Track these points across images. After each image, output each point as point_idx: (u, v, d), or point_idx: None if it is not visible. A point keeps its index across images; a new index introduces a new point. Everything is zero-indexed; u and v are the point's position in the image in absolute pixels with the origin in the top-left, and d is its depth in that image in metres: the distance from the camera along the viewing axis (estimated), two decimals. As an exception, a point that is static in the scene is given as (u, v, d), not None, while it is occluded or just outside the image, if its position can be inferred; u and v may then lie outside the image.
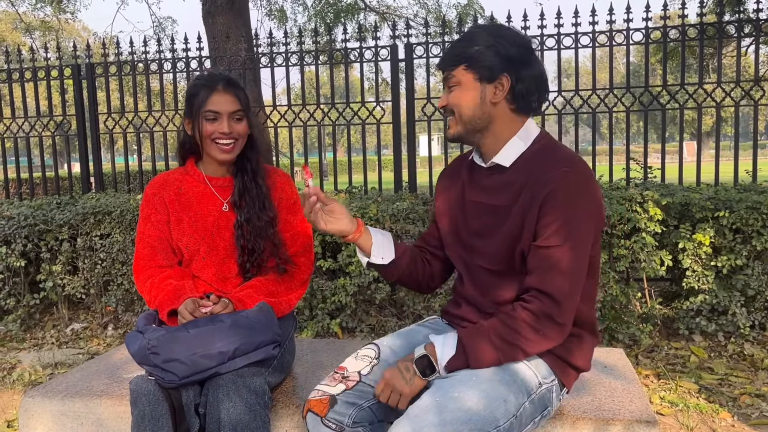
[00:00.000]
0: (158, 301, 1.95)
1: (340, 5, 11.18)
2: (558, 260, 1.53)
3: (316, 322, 4.08)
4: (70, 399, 2.07)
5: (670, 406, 3.00)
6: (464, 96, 1.63)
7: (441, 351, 1.57)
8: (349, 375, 1.70)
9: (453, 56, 1.64)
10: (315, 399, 1.65)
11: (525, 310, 1.55)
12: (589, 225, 1.56)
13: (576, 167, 1.58)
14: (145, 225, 2.10)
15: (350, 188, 5.02)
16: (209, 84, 2.01)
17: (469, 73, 1.62)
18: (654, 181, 4.61)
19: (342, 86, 13.95)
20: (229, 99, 2.00)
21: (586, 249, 1.57)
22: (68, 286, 4.59)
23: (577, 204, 1.55)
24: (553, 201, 1.54)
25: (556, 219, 1.54)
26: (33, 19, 16.02)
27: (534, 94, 1.63)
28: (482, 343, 1.55)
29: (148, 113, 5.74)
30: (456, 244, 1.78)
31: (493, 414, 1.49)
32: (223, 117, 1.99)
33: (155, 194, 2.11)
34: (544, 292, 1.54)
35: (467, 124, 1.65)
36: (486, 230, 1.68)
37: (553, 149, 1.64)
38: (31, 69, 5.78)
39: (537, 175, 1.58)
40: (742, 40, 4.98)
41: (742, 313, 3.68)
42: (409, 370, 1.58)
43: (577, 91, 5.09)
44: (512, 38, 1.60)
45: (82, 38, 25.60)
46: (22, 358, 4.12)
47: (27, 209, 4.76)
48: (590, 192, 1.57)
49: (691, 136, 31.59)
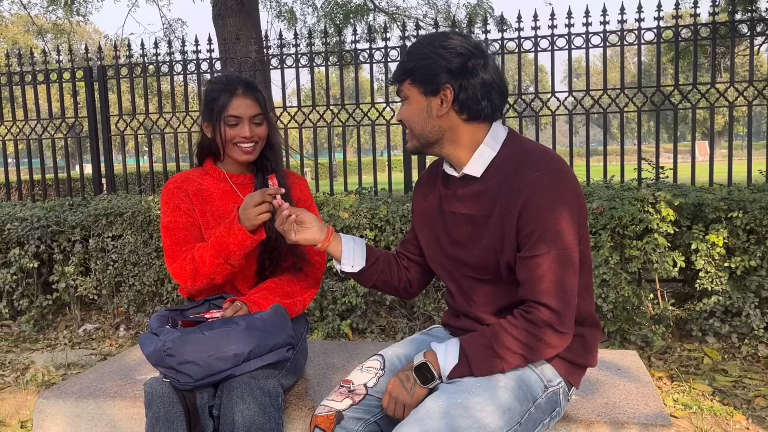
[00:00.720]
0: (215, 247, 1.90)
1: (349, 6, 11.18)
2: (548, 268, 1.51)
3: (326, 323, 4.08)
4: (84, 400, 2.08)
5: (683, 408, 2.98)
6: (412, 110, 1.62)
7: (444, 360, 1.55)
8: (355, 389, 1.69)
9: (399, 70, 1.63)
10: (322, 415, 1.64)
11: (526, 320, 1.53)
12: (571, 224, 1.53)
13: (547, 167, 1.54)
14: (174, 213, 2.05)
15: (360, 189, 5.02)
16: (229, 88, 2.01)
17: (414, 87, 1.61)
18: (666, 182, 4.58)
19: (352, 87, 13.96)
20: (250, 103, 2.02)
21: (573, 249, 1.53)
22: (80, 287, 4.62)
23: (554, 207, 1.51)
24: (530, 209, 1.51)
25: (537, 227, 1.51)
26: (45, 22, 16.15)
27: (482, 101, 1.58)
28: (484, 352, 1.54)
29: (159, 115, 5.77)
30: (438, 255, 1.76)
31: (497, 422, 1.48)
32: (245, 121, 2.01)
33: (179, 188, 2.09)
34: (541, 303, 1.52)
35: (419, 138, 1.64)
36: (467, 240, 1.66)
37: (522, 151, 1.60)
38: (44, 71, 5.83)
39: (510, 182, 1.56)
40: (754, 39, 4.93)
41: (756, 315, 3.65)
42: (409, 379, 1.57)
43: (588, 91, 5.06)
44: (454, 48, 1.56)
45: (93, 41, 25.78)
46: (36, 358, 4.15)
47: (40, 211, 4.80)
48: (566, 190, 1.53)
49: (703, 135, 31.37)
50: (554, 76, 5.09)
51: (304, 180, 2.23)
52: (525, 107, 5.17)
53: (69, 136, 5.94)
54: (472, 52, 1.58)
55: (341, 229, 4.07)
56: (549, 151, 1.61)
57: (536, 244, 1.51)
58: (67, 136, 5.92)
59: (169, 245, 2.03)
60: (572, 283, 1.53)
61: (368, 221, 4.04)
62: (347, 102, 5.50)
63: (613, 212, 3.65)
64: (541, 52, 5.00)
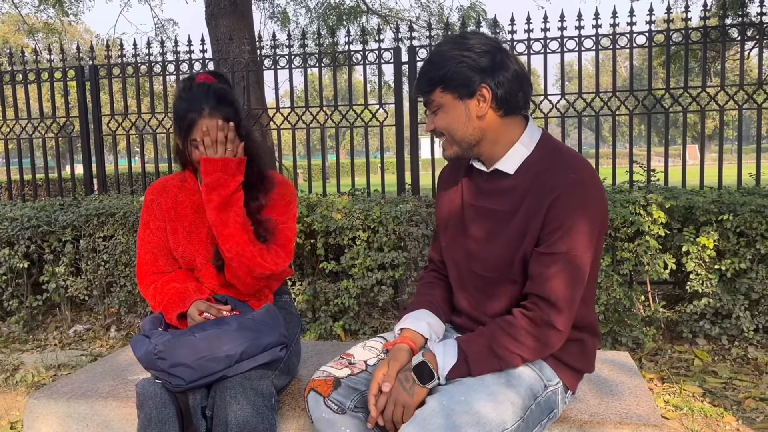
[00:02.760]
0: (164, 305, 1.94)
1: (342, 8, 11.18)
2: (561, 268, 1.53)
3: (319, 324, 4.08)
4: (75, 401, 2.07)
5: (674, 409, 3.00)
6: (450, 118, 1.61)
7: (442, 360, 1.55)
8: (355, 362, 1.70)
9: (426, 81, 1.60)
10: (320, 379, 1.65)
11: (525, 318, 1.55)
12: (593, 232, 1.55)
13: (582, 172, 1.56)
14: (144, 231, 2.10)
15: (353, 191, 5.02)
16: (195, 107, 1.92)
17: (447, 94, 1.59)
18: (657, 184, 4.61)
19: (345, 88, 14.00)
20: (216, 124, 1.91)
21: (588, 256, 1.56)
22: (71, 287, 4.60)
23: (582, 211, 1.53)
24: (559, 207, 1.53)
25: (561, 225, 1.53)
26: (36, 21, 16.05)
27: (518, 93, 1.59)
28: (483, 352, 1.55)
29: (151, 115, 5.75)
30: (453, 248, 1.76)
31: (501, 416, 1.49)
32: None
33: (153, 200, 2.11)
34: (544, 299, 1.53)
35: (461, 143, 1.63)
36: (486, 235, 1.67)
37: (558, 152, 1.62)
38: (35, 71, 5.79)
39: (543, 180, 1.57)
40: (745, 43, 4.98)
41: (746, 317, 3.67)
42: (408, 379, 1.55)
43: (580, 94, 5.08)
44: (479, 47, 1.56)
45: (84, 40, 25.65)
46: (25, 359, 4.12)
47: (30, 211, 4.77)
48: (595, 197, 1.56)
49: (693, 139, 31.58)
50: (547, 78, 5.11)
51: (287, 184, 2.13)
52: (518, 110, 5.18)
53: (60, 135, 5.90)
54: (496, 47, 1.58)
55: (334, 230, 4.07)
56: (582, 157, 1.63)
57: (557, 242, 1.53)
58: (58, 136, 5.89)
59: (138, 263, 2.10)
60: (579, 286, 1.56)
61: (361, 222, 4.05)
62: (340, 103, 5.50)
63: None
64: (533, 55, 5.01)
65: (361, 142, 18.65)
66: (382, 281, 4.01)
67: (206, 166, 1.91)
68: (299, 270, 4.31)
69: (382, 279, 3.99)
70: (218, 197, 1.91)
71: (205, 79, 2.02)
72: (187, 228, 2.05)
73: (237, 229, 1.92)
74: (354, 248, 4.04)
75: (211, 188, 1.91)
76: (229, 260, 1.94)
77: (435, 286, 1.84)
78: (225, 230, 1.92)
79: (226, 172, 1.91)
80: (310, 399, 1.64)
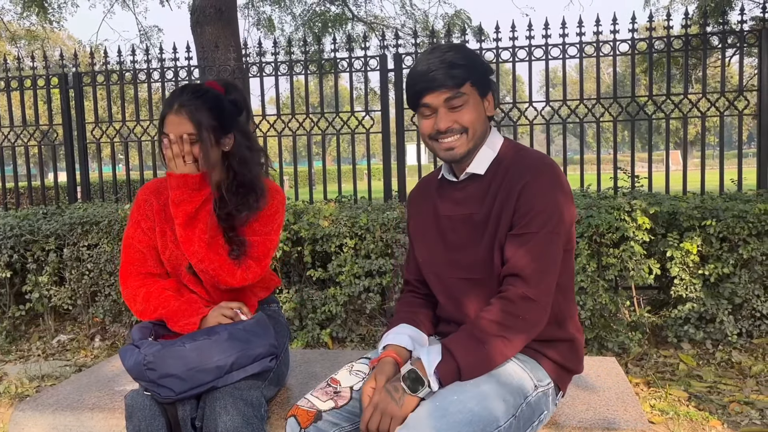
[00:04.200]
0: (167, 312, 1.91)
1: (328, 15, 11.20)
2: (533, 245, 1.57)
3: (306, 332, 4.06)
4: (61, 412, 2.05)
5: (660, 414, 3.02)
6: (475, 114, 1.65)
7: (427, 360, 1.54)
8: (341, 390, 1.68)
9: (457, 74, 1.61)
10: (302, 408, 1.64)
11: (500, 299, 1.57)
12: (563, 216, 1.61)
13: (546, 161, 1.65)
14: (135, 230, 2.04)
15: (340, 197, 5.02)
16: (170, 102, 1.91)
17: (475, 89, 1.65)
18: (641, 190, 4.65)
19: (331, 96, 13.91)
20: (182, 120, 1.87)
21: (560, 239, 1.61)
22: (55, 297, 4.54)
23: (550, 193, 1.60)
24: (529, 192, 1.60)
25: (531, 209, 1.59)
26: (18, 28, 15.90)
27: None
28: (466, 342, 1.54)
29: (135, 122, 5.71)
30: (433, 263, 1.77)
31: (494, 414, 1.49)
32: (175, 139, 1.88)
33: (146, 200, 2.07)
34: (516, 275, 1.57)
35: (477, 140, 1.68)
36: (467, 241, 1.69)
37: (524, 151, 1.71)
38: (17, 78, 5.74)
39: (511, 173, 1.64)
40: (726, 50, 5.06)
41: (730, 321, 3.72)
42: (398, 389, 1.52)
43: (565, 101, 5.13)
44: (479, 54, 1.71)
45: (67, 47, 25.45)
46: (8, 370, 4.07)
47: (13, 219, 4.71)
48: (563, 188, 1.63)
49: (676, 145, 31.93)
50: (532, 86, 5.16)
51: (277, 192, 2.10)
52: (503, 116, 5.22)
53: (43, 143, 5.84)
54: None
55: (321, 238, 4.06)
56: (545, 155, 1.71)
57: (528, 224, 1.59)
58: (41, 144, 5.83)
59: (124, 263, 2.03)
60: (554, 261, 1.60)
61: (348, 229, 4.04)
62: (327, 110, 5.50)
63: (591, 220, 3.70)
64: (518, 63, 5.06)
65: (347, 149, 18.64)
66: (369, 288, 4.01)
67: (170, 181, 1.90)
68: (286, 278, 4.30)
69: (369, 286, 3.99)
70: (183, 213, 1.89)
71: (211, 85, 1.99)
72: (176, 231, 2.03)
73: (202, 247, 1.90)
74: (341, 255, 4.03)
75: (176, 204, 1.90)
76: (199, 271, 1.95)
77: (413, 304, 1.85)
78: (190, 247, 1.91)
79: (189, 188, 1.89)
80: (289, 424, 1.63)
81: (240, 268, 1.94)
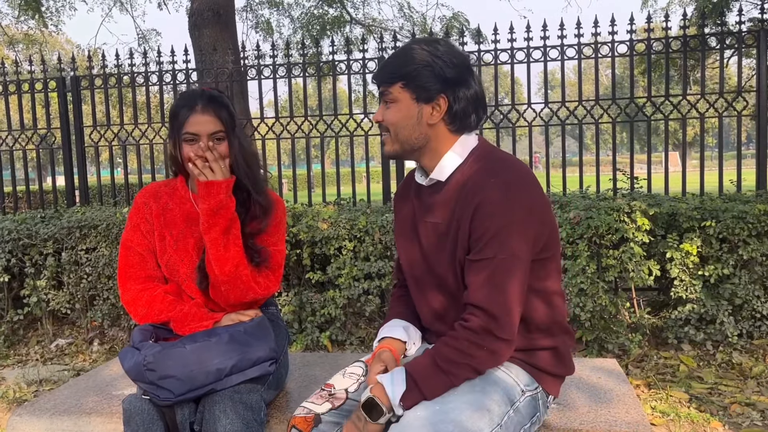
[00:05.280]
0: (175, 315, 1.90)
1: (326, 18, 11.22)
2: (491, 273, 1.49)
3: (305, 335, 4.05)
4: (59, 417, 2.03)
5: (661, 415, 3.01)
6: (401, 115, 1.59)
7: (391, 390, 1.50)
8: (335, 393, 1.67)
9: (390, 73, 1.58)
10: (300, 416, 1.63)
11: (464, 329, 1.51)
12: (524, 232, 1.51)
13: (504, 174, 1.53)
14: (134, 233, 2.03)
15: (339, 200, 5.01)
16: (189, 103, 1.95)
17: (406, 91, 1.58)
18: (640, 192, 4.65)
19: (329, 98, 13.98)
20: (209, 119, 1.93)
21: (522, 258, 1.51)
22: (53, 301, 4.53)
23: (504, 214, 1.49)
24: (482, 214, 1.50)
25: (486, 231, 1.50)
26: (16, 32, 15.91)
27: (471, 114, 1.59)
28: (431, 371, 1.51)
29: (134, 126, 5.70)
30: (412, 266, 1.74)
31: (477, 424, 1.48)
32: (203, 139, 1.92)
33: (145, 203, 2.07)
34: (479, 307, 1.50)
35: (404, 143, 1.62)
36: (434, 249, 1.65)
37: (484, 159, 1.60)
38: (15, 82, 5.73)
39: (466, 189, 1.56)
40: (724, 51, 5.05)
41: (730, 322, 3.71)
42: (360, 418, 1.52)
43: (563, 102, 5.13)
44: (450, 57, 1.56)
45: (65, 51, 25.46)
46: (6, 374, 4.05)
47: (11, 223, 4.69)
48: (519, 197, 1.51)
49: (674, 146, 31.98)
50: (530, 87, 5.15)
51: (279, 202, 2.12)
52: (502, 118, 5.22)
53: (41, 147, 5.83)
54: (464, 63, 1.58)
55: (320, 240, 4.05)
56: (512, 160, 1.60)
57: (483, 249, 1.50)
58: (39, 148, 5.82)
59: (122, 266, 2.02)
60: (515, 290, 1.51)
61: (347, 232, 4.03)
62: (325, 113, 5.50)
63: (590, 222, 3.69)
64: (517, 64, 5.05)
65: (346, 151, 18.65)
66: (368, 291, 4.00)
67: (209, 188, 1.89)
68: (285, 280, 4.29)
69: (368, 289, 3.98)
70: (223, 220, 1.89)
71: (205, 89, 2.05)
72: (175, 236, 2.02)
73: (238, 251, 1.90)
74: (340, 258, 4.02)
75: (214, 211, 1.89)
76: (221, 283, 1.90)
77: (406, 299, 1.84)
78: (226, 253, 1.89)
79: (228, 195, 1.91)
80: None
81: (261, 277, 1.97)
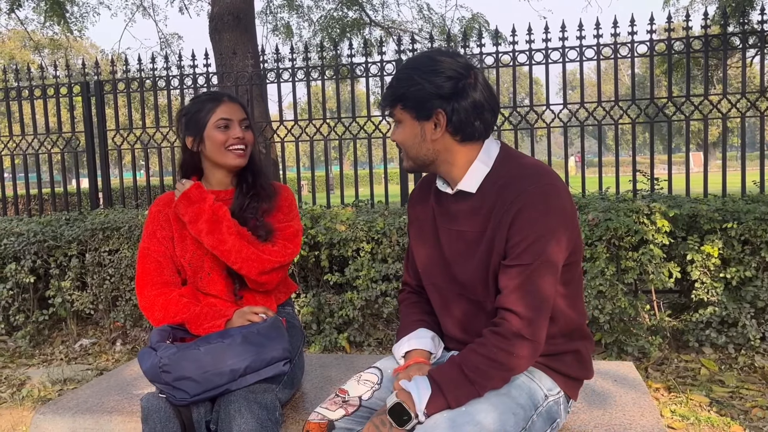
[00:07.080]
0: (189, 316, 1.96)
1: (345, 21, 11.26)
2: (527, 278, 1.51)
3: (323, 337, 4.08)
4: (81, 416, 2.08)
5: (681, 419, 2.98)
6: (406, 134, 1.64)
7: (418, 396, 1.51)
8: (349, 399, 1.68)
9: (390, 96, 1.64)
10: (314, 422, 1.64)
11: (494, 335, 1.52)
12: (559, 240, 1.54)
13: (540, 181, 1.55)
14: (150, 241, 2.10)
15: (357, 202, 5.04)
16: (214, 98, 2.10)
17: (406, 112, 1.62)
18: (661, 193, 4.60)
19: (348, 100, 13.94)
20: (238, 108, 2.10)
21: (556, 265, 1.54)
22: (77, 301, 4.61)
23: (543, 220, 1.52)
24: (520, 220, 1.53)
25: (525, 238, 1.52)
26: (41, 37, 16.21)
27: (474, 122, 1.60)
28: (456, 378, 1.52)
29: (156, 129, 5.79)
30: (432, 273, 1.75)
31: (504, 427, 1.49)
32: (235, 123, 2.07)
33: (160, 211, 2.13)
34: (512, 311, 1.51)
35: (415, 160, 1.67)
36: (461, 258, 1.66)
37: (516, 166, 1.61)
38: (41, 87, 5.85)
39: (504, 196, 1.57)
40: (747, 51, 4.99)
41: (752, 325, 3.66)
42: (385, 423, 1.52)
43: (583, 103, 5.10)
44: (443, 72, 1.57)
45: (90, 55, 25.87)
46: (32, 374, 4.13)
47: (36, 225, 4.79)
48: (556, 205, 1.54)
49: (697, 146, 31.54)
50: (549, 88, 5.13)
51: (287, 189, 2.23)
52: (520, 120, 5.21)
53: (65, 150, 5.95)
54: (461, 73, 1.58)
55: (338, 242, 4.08)
56: (542, 166, 1.62)
57: (521, 254, 1.52)
58: (64, 151, 5.94)
59: (141, 273, 2.09)
60: (548, 295, 1.53)
61: (365, 234, 4.05)
62: (343, 115, 5.53)
63: (609, 224, 3.66)
64: (535, 65, 5.04)
65: (364, 153, 18.76)
66: (386, 292, 4.01)
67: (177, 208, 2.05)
68: (303, 282, 4.32)
69: (386, 290, 3.99)
70: (205, 224, 2.00)
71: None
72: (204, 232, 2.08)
73: (235, 240, 1.99)
74: (358, 260, 4.04)
75: (193, 221, 2.02)
76: (239, 269, 2.00)
77: (420, 304, 1.85)
78: (224, 246, 1.98)
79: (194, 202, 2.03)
80: None
81: (275, 246, 2.05)
